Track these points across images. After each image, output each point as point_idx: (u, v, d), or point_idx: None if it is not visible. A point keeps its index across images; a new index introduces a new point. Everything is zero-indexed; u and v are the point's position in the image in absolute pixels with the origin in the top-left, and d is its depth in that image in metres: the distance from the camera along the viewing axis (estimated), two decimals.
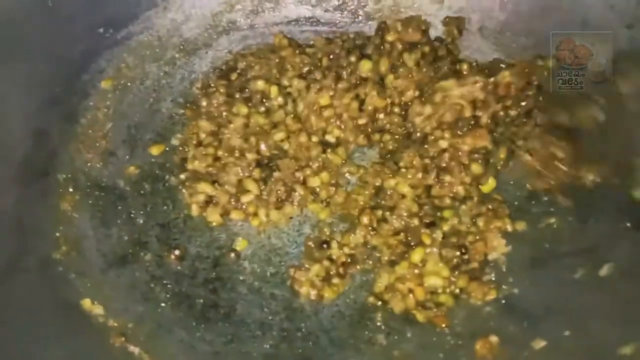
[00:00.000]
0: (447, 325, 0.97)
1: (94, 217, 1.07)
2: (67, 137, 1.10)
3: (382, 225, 1.04)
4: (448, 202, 1.05)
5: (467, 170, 1.05)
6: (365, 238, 1.03)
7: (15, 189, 1.00)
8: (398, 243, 1.02)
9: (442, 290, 1.00)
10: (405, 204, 1.04)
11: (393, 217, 1.04)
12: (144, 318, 0.99)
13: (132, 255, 1.05)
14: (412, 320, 0.98)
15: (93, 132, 1.13)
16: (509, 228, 1.02)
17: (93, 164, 1.11)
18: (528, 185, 1.06)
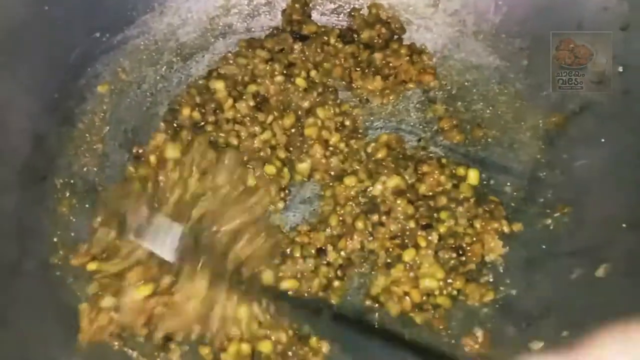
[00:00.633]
0: (444, 327, 0.97)
1: (91, 221, 1.07)
2: (64, 141, 1.10)
3: (378, 229, 1.04)
4: (444, 202, 1.05)
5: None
6: (362, 243, 1.04)
7: (13, 193, 1.00)
8: (394, 246, 1.03)
9: (439, 292, 1.00)
10: (401, 207, 1.04)
11: (389, 220, 1.04)
12: None
13: None
14: (409, 322, 0.98)
15: (90, 136, 1.13)
16: (506, 229, 1.02)
17: (90, 168, 1.11)
18: None
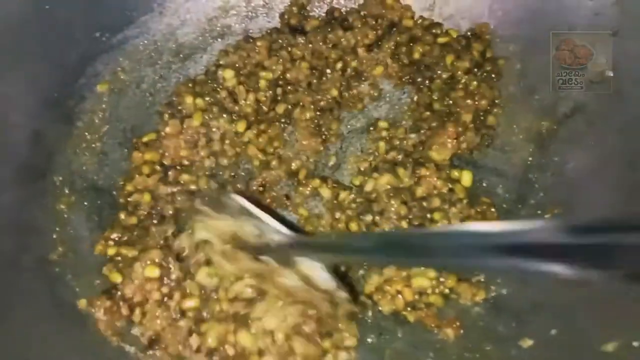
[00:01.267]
0: (436, 325, 0.99)
1: (90, 218, 1.08)
2: (63, 139, 1.11)
3: (371, 230, 1.05)
4: (437, 204, 1.06)
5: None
6: None
7: (12, 191, 1.01)
8: None
9: (431, 291, 1.01)
10: (394, 207, 1.05)
11: (383, 220, 1.05)
12: None
13: None
14: (402, 320, 1.00)
15: (89, 134, 1.14)
16: None
17: (89, 166, 1.12)
18: None
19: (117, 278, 1.00)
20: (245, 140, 1.14)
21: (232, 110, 1.15)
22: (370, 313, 1.01)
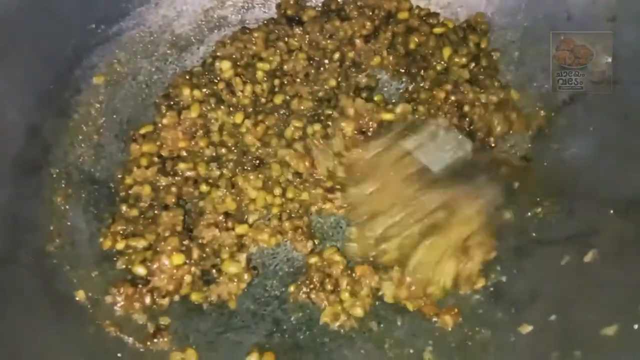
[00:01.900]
0: (435, 314, 0.99)
1: (87, 210, 1.08)
2: (59, 132, 1.11)
3: None
4: None
5: None
6: None
7: (9, 184, 1.00)
8: None
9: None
10: None
11: None
12: None
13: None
14: (402, 309, 1.00)
15: (85, 127, 1.14)
16: None
17: (86, 159, 1.12)
18: None
19: (141, 271, 1.00)
20: (243, 131, 1.14)
21: (229, 102, 1.15)
22: None
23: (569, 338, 0.83)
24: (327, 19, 1.21)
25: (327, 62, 1.19)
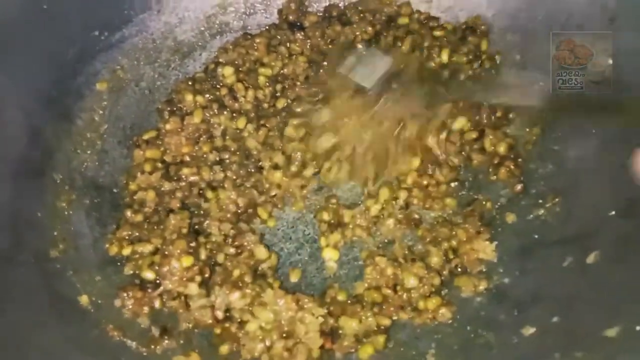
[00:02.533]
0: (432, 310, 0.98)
1: (90, 215, 1.09)
2: (63, 138, 1.12)
3: None
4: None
5: None
6: None
7: (12, 188, 1.01)
8: None
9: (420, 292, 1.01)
10: None
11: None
12: None
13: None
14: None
15: (89, 133, 1.15)
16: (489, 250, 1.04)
17: (89, 164, 1.13)
18: None
19: (150, 275, 1.01)
20: (246, 135, 1.15)
21: (232, 108, 1.16)
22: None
23: (571, 339, 0.82)
24: (328, 24, 1.22)
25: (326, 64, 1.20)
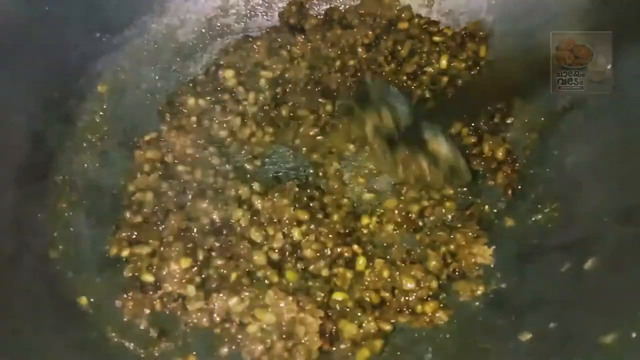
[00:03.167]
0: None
1: (91, 217, 1.09)
2: (64, 139, 1.12)
3: None
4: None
5: None
6: None
7: (14, 190, 1.02)
8: None
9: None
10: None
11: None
12: None
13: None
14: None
15: (90, 134, 1.15)
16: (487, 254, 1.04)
17: (90, 166, 1.13)
18: None
19: (149, 278, 1.01)
20: (247, 136, 1.16)
21: (234, 110, 1.16)
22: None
23: (568, 345, 0.82)
24: (329, 28, 1.22)
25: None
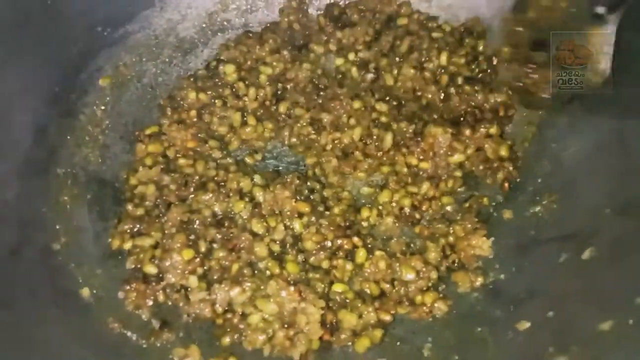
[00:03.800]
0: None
1: (92, 210, 1.10)
2: (66, 133, 1.13)
3: None
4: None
5: None
6: None
7: (17, 183, 1.02)
8: None
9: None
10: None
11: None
12: None
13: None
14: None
15: (91, 128, 1.16)
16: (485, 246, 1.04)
17: (91, 159, 1.14)
18: None
19: (152, 270, 1.02)
20: (247, 130, 1.16)
21: (235, 105, 1.17)
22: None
23: (566, 334, 0.83)
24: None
25: None
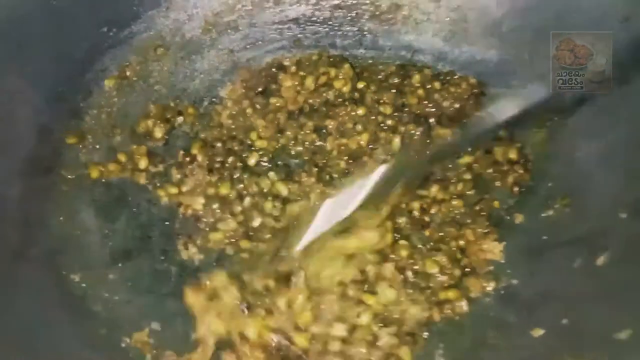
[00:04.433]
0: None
1: (98, 212, 1.09)
2: (71, 133, 1.12)
3: None
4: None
5: None
6: None
7: (21, 184, 1.02)
8: None
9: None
10: None
11: None
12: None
13: (136, 250, 1.06)
14: None
15: (96, 129, 1.15)
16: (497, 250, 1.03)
17: (96, 160, 1.13)
18: None
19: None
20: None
21: None
22: None
23: (581, 341, 0.82)
24: None
25: None
